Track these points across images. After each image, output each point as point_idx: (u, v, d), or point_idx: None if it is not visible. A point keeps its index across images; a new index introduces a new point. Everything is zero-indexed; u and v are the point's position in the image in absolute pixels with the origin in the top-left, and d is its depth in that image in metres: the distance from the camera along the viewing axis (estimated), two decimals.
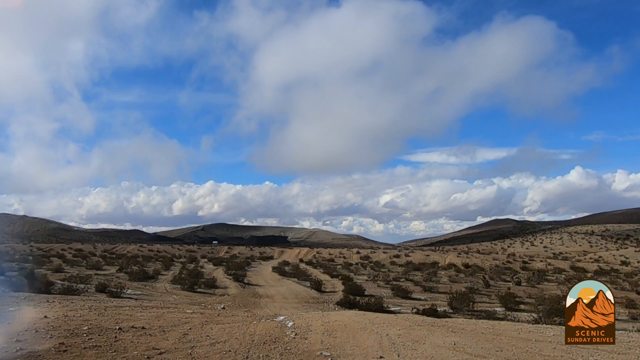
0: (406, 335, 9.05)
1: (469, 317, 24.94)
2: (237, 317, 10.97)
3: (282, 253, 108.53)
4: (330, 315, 11.34)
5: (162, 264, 60.23)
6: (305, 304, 28.47)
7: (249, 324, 10.00)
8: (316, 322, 10.08)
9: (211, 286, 36.32)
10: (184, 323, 9.75)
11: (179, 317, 10.20)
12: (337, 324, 9.89)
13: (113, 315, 9.82)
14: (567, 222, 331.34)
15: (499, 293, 33.54)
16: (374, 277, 46.83)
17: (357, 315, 11.01)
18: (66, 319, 9.25)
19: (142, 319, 9.66)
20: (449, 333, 9.30)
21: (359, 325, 9.67)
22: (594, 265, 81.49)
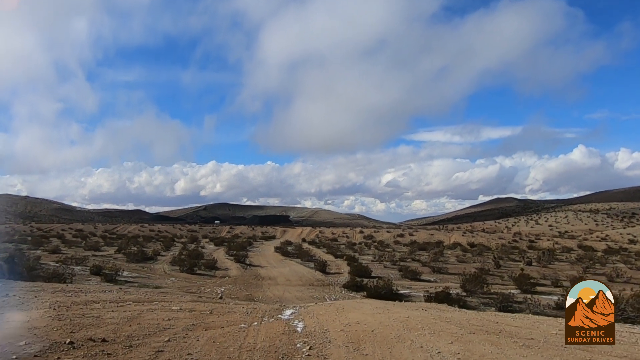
0: (465, 352, 6.77)
1: (484, 300, 23.47)
2: (234, 314, 9.26)
3: (285, 232, 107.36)
4: (347, 311, 9.60)
5: (163, 244, 58.97)
6: (309, 287, 27.03)
7: (248, 328, 8.16)
8: (333, 324, 8.21)
9: (211, 267, 34.93)
10: (163, 329, 7.65)
11: (159, 318, 8.29)
12: (362, 329, 7.74)
13: (75, 316, 7.87)
14: (570, 200, 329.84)
15: (512, 274, 32.02)
16: (379, 257, 45.40)
17: (380, 312, 9.25)
18: (7, 325, 7.24)
19: (110, 323, 7.70)
20: (522, 349, 6.97)
21: (392, 332, 7.40)
22: (602, 244, 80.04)
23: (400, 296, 24.59)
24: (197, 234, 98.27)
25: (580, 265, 39.95)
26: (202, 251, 48.67)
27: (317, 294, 24.11)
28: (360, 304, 10.81)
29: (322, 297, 22.76)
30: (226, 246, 55.74)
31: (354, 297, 23.99)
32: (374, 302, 12.21)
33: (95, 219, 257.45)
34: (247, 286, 26.65)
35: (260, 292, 24.45)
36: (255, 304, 12.53)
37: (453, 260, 44.79)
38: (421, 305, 12.41)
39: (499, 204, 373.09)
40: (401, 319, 8.07)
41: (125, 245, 54.40)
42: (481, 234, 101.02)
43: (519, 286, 26.93)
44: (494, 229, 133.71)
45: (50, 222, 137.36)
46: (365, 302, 11.82)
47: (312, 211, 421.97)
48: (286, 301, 20.21)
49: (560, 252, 63.74)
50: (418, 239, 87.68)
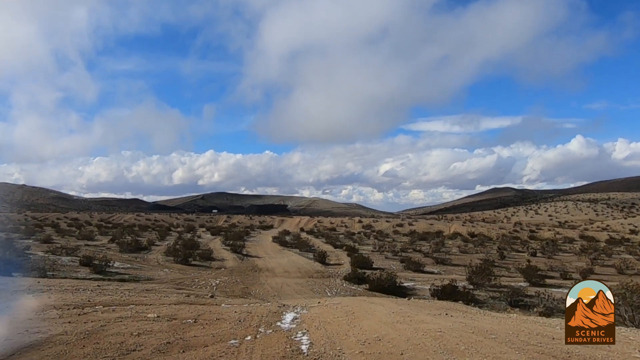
0: None
1: (492, 293, 22.33)
2: (224, 322, 7.82)
3: (283, 222, 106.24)
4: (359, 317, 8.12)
5: (158, 233, 57.75)
6: (308, 279, 25.84)
7: (239, 347, 6.54)
8: (347, 341, 6.26)
9: (207, 258, 33.72)
10: (126, 352, 5.93)
11: (127, 332, 6.68)
12: (386, 350, 6.01)
13: (14, 332, 6.40)
14: (567, 190, 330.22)
15: (519, 266, 30.95)
16: (380, 247, 44.27)
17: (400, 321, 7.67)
18: None
19: (59, 342, 6.00)
20: None
21: (429, 357, 5.67)
22: (604, 234, 79.14)
23: (404, 289, 23.45)
24: (194, 223, 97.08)
25: (587, 257, 38.88)
26: (198, 241, 47.46)
27: (317, 287, 22.93)
28: (371, 306, 9.60)
29: (322, 290, 21.58)
30: (223, 236, 54.51)
31: (355, 290, 22.83)
32: (387, 303, 11.02)
33: (92, 207, 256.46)
34: (244, 278, 25.46)
35: (258, 285, 23.26)
36: (250, 305, 11.30)
37: (455, 251, 43.70)
38: (442, 307, 11.11)
39: (496, 193, 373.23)
40: (432, 334, 6.53)
41: (120, 234, 53.22)
42: (481, 223, 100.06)
43: (527, 278, 25.81)
44: (493, 218, 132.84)
45: (47, 211, 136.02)
46: (376, 303, 10.63)
47: (310, 200, 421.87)
48: (284, 296, 19.01)
49: (563, 242, 62.78)
50: (418, 228, 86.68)
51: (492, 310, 19.30)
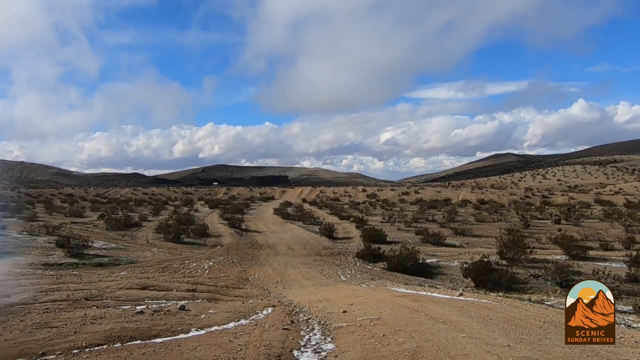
0: None
1: (531, 270, 19.00)
2: None
3: (284, 193, 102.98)
4: (411, 337, 5.00)
5: (153, 208, 54.50)
6: (316, 257, 22.53)
7: None
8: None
9: (202, 234, 30.50)
10: None
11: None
12: None
13: None
14: (569, 155, 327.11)
15: (550, 235, 27.69)
16: (389, 218, 40.95)
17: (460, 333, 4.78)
18: None
19: None
20: None
21: None
22: (620, 198, 75.86)
23: (428, 268, 20.17)
24: (192, 196, 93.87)
25: (621, 224, 35.55)
26: (194, 215, 44.22)
27: (326, 267, 19.60)
28: (436, 328, 6.22)
29: (334, 272, 18.24)
30: (221, 209, 51.22)
31: (372, 270, 19.53)
32: (451, 314, 7.59)
33: (92, 183, 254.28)
34: (242, 258, 22.17)
35: (257, 266, 19.95)
36: (243, 310, 7.98)
37: (471, 220, 40.37)
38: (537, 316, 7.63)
39: (498, 159, 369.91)
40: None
41: (112, 210, 50.04)
42: (490, 190, 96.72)
43: (566, 251, 22.44)
44: (500, 184, 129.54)
45: (45, 188, 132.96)
46: (424, 303, 7.37)
47: (311, 171, 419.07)
48: (290, 283, 15.69)
49: (580, 207, 59.49)
50: (424, 196, 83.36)
51: (540, 292, 16.02)
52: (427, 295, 9.50)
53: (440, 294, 10.33)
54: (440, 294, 10.54)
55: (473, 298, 9.57)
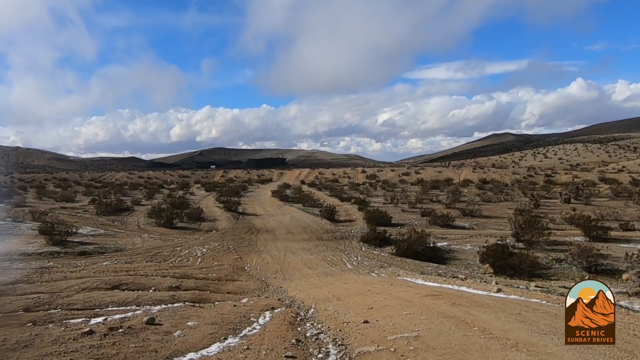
0: None
1: (552, 253, 17.49)
2: None
3: (282, 175, 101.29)
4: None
5: (147, 192, 52.88)
6: (318, 242, 20.99)
7: None
8: None
9: (196, 218, 28.97)
10: None
11: None
12: None
13: None
14: (567, 134, 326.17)
15: (565, 215, 26.23)
16: (392, 199, 39.38)
17: None
18: None
19: None
20: None
21: None
22: (625, 176, 74.41)
23: (439, 252, 18.65)
24: (188, 179, 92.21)
25: (635, 202, 34.00)
26: (189, 199, 42.66)
27: (330, 254, 18.03)
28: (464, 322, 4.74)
29: (338, 259, 16.67)
30: (217, 192, 49.59)
31: (379, 255, 17.99)
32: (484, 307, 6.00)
33: (89, 167, 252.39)
34: (238, 244, 20.62)
35: (254, 253, 18.40)
36: (233, 319, 6.39)
37: (477, 200, 38.82)
38: None
39: (496, 139, 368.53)
40: None
41: (104, 194, 48.44)
42: (492, 169, 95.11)
43: (585, 232, 20.91)
44: (501, 164, 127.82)
45: (42, 172, 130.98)
46: (468, 309, 5.84)
47: (309, 153, 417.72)
48: (291, 273, 14.11)
49: (585, 185, 58.01)
50: (425, 177, 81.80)
51: (566, 278, 14.52)
52: (461, 291, 7.90)
53: (472, 289, 8.74)
54: (472, 288, 8.95)
55: (516, 296, 7.94)
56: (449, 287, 9.34)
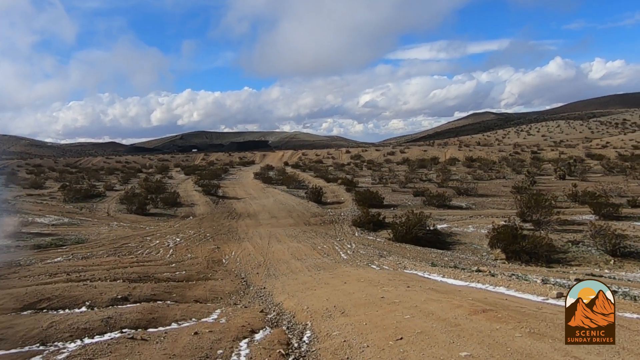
0: None
1: (565, 234, 15.80)
2: None
3: (265, 157, 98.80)
4: None
5: (123, 176, 50.31)
6: (306, 228, 19.01)
7: None
8: None
9: (172, 204, 26.80)
10: None
11: None
12: None
13: None
14: (546, 112, 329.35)
15: (568, 192, 24.72)
16: (380, 178, 37.59)
17: None
18: None
19: None
20: None
21: None
22: (610, 151, 73.86)
23: (441, 236, 16.84)
24: (168, 163, 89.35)
25: (634, 177, 32.74)
26: (166, 183, 40.31)
27: (320, 241, 16.06)
28: None
29: (331, 248, 14.69)
30: (197, 175, 47.18)
31: (374, 241, 16.11)
32: None
33: (67, 153, 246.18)
34: (216, 231, 18.55)
35: (234, 242, 16.34)
36: (190, 357, 4.40)
37: (469, 179, 37.22)
38: None
39: (477, 118, 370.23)
40: None
41: (77, 180, 45.76)
42: (478, 147, 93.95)
43: (595, 210, 19.31)
44: (485, 142, 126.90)
45: (14, 159, 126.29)
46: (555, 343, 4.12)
47: (291, 135, 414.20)
48: (276, 266, 12.09)
49: (573, 161, 56.98)
50: (411, 156, 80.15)
51: (588, 264, 12.84)
52: (514, 298, 5.96)
53: (521, 293, 6.83)
54: (520, 291, 7.02)
55: None
56: (482, 287, 7.51)
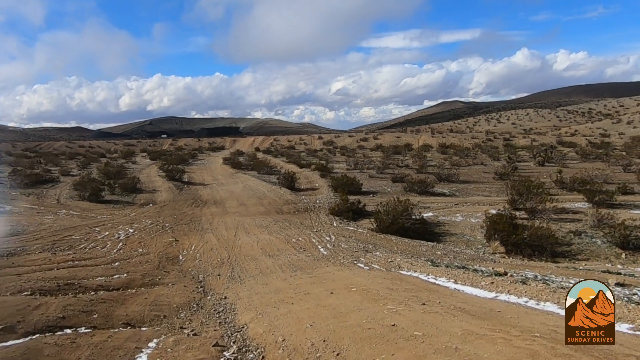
0: None
1: (564, 222, 14.43)
2: None
3: (235, 142, 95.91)
4: None
5: (83, 161, 47.25)
6: (278, 217, 17.13)
7: None
8: None
9: (132, 190, 24.51)
10: None
11: None
12: None
13: None
14: (511, 101, 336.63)
15: (556, 178, 23.63)
16: (355, 164, 35.94)
17: None
18: None
19: None
20: None
21: None
22: (580, 139, 74.31)
23: (428, 226, 15.26)
24: (134, 148, 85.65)
25: (617, 163, 32.01)
26: (128, 168, 37.78)
27: (295, 232, 14.21)
28: None
29: (307, 242, 12.85)
30: (163, 160, 44.55)
31: (356, 232, 14.39)
32: None
33: (30, 138, 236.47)
34: (177, 221, 16.50)
35: (196, 234, 14.35)
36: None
37: (447, 165, 35.94)
38: None
39: (446, 106, 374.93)
40: None
41: (31, 164, 42.56)
42: (450, 134, 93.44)
43: (588, 197, 18.09)
44: (457, 129, 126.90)
45: None
46: None
47: (263, 122, 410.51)
48: (242, 266, 10.20)
49: (545, 148, 56.72)
50: (384, 142, 78.90)
51: (598, 258, 11.44)
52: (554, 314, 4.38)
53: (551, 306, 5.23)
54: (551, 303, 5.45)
55: None
56: (522, 302, 5.87)
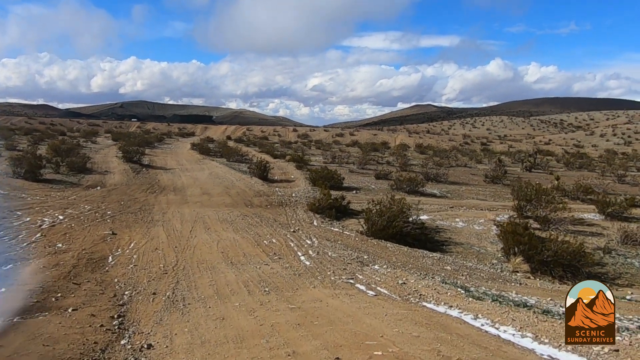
0: None
1: (579, 234, 12.23)
2: None
3: (206, 129, 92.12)
4: None
5: (37, 137, 43.28)
6: (247, 210, 14.38)
7: None
8: None
9: (80, 169, 21.33)
10: None
11: None
12: None
13: None
14: (483, 109, 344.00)
15: (557, 185, 21.65)
16: (333, 158, 33.43)
17: None
18: None
19: None
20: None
21: None
22: (556, 148, 74.06)
23: (428, 232, 12.83)
24: (98, 128, 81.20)
25: (610, 173, 30.52)
26: (85, 147, 34.30)
27: (267, 232, 11.48)
28: None
29: (282, 245, 10.14)
30: (124, 141, 40.99)
31: (342, 234, 11.83)
32: None
33: None
34: (122, 208, 13.58)
35: (142, 226, 11.50)
36: None
37: (430, 165, 33.79)
38: None
39: (420, 109, 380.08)
40: None
41: None
42: (427, 135, 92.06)
43: (600, 209, 16.04)
44: (433, 131, 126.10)
45: None
46: None
47: (237, 112, 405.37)
48: (191, 281, 7.38)
49: (525, 155, 55.67)
50: (360, 139, 76.83)
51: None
52: None
53: None
54: None
55: None
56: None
